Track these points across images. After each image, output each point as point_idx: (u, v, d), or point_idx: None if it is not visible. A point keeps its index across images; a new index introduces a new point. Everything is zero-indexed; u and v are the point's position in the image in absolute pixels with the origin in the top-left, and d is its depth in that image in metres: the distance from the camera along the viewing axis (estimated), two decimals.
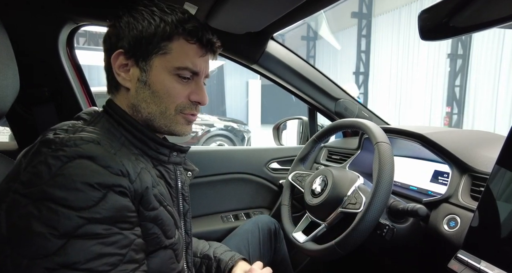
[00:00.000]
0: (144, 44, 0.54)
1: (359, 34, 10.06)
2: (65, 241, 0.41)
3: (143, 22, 0.54)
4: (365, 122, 0.81)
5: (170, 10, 0.56)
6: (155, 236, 0.53)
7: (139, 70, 0.56)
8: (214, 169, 1.18)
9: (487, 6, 0.46)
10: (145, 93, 0.56)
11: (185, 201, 0.66)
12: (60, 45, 0.85)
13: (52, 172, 0.42)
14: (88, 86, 0.97)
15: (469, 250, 0.59)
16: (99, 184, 0.43)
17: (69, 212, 0.41)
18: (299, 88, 1.19)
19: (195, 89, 0.60)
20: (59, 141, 0.46)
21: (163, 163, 0.61)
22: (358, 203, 0.73)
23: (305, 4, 0.76)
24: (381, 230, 0.73)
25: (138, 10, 0.55)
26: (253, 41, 1.03)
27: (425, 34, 0.63)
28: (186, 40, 0.56)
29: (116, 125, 0.56)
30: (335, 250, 0.70)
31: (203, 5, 0.81)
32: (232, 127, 5.80)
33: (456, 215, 0.71)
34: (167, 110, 0.58)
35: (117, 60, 0.56)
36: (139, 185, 0.49)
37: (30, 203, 0.41)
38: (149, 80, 0.56)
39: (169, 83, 0.56)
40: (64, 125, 0.52)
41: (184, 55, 0.56)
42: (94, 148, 0.46)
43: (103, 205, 0.43)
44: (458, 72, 7.64)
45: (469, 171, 0.76)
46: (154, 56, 0.55)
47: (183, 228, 0.67)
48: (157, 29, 0.54)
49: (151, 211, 0.52)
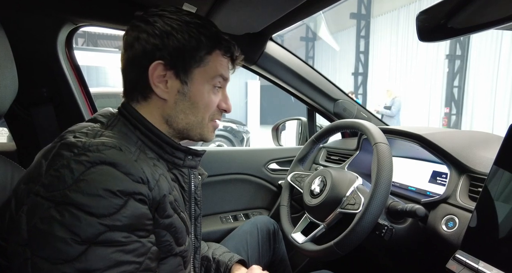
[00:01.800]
0: (187, 57, 0.55)
1: (358, 35, 10.09)
2: (86, 247, 0.41)
3: (183, 33, 0.54)
4: (364, 123, 0.81)
5: (201, 21, 0.57)
6: (167, 244, 0.53)
7: (179, 82, 0.56)
8: (213, 170, 1.17)
9: (485, 7, 0.46)
10: (185, 104, 0.57)
11: (197, 205, 0.66)
12: (59, 46, 0.85)
13: (75, 177, 0.42)
14: (87, 87, 0.97)
15: (467, 251, 0.59)
16: (120, 191, 0.43)
17: (91, 219, 0.41)
18: (298, 89, 1.19)
19: (223, 99, 0.63)
20: (81, 145, 0.46)
21: (178, 166, 0.61)
22: (357, 203, 0.73)
23: (304, 6, 0.77)
24: (380, 231, 0.73)
25: (173, 19, 0.54)
26: (252, 42, 1.03)
27: (423, 35, 0.63)
28: (222, 55, 0.59)
29: (133, 129, 0.55)
30: (334, 250, 0.70)
31: (202, 6, 0.81)
32: (231, 127, 5.80)
33: (455, 215, 0.72)
34: (203, 120, 0.60)
35: (155, 71, 0.54)
36: (157, 192, 0.49)
37: (52, 207, 0.41)
38: (190, 92, 0.57)
39: (208, 95, 0.59)
40: (83, 127, 0.52)
41: (220, 66, 0.59)
42: (116, 154, 0.46)
43: (124, 212, 0.43)
44: (456, 73, 7.66)
45: (467, 171, 0.76)
46: (194, 69, 0.56)
47: (193, 233, 0.67)
48: (199, 43, 0.55)
49: (165, 219, 0.51)
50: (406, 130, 0.92)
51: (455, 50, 7.57)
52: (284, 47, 1.13)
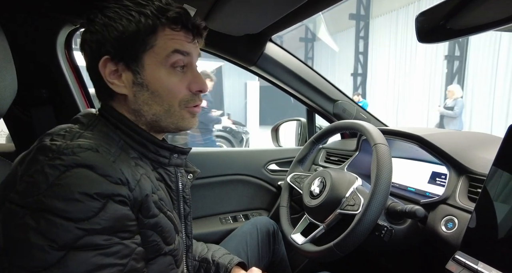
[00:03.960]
0: (130, 44, 0.51)
1: (357, 36, 10.11)
2: (64, 253, 0.40)
3: (121, 21, 0.50)
4: (363, 124, 0.81)
5: (145, 0, 0.52)
6: (154, 244, 0.52)
7: (131, 73, 0.52)
8: (212, 170, 1.17)
9: (484, 9, 0.46)
10: (144, 95, 0.54)
11: (186, 204, 0.65)
12: (58, 47, 0.85)
13: (50, 181, 0.41)
14: (86, 87, 0.97)
15: (466, 251, 0.59)
16: (98, 194, 0.42)
17: (68, 224, 0.40)
18: (297, 90, 1.19)
19: (192, 78, 0.56)
20: (56, 148, 0.44)
21: (164, 165, 0.60)
22: (356, 204, 0.73)
23: (303, 7, 0.77)
24: (379, 232, 0.73)
25: (111, 8, 0.51)
26: (252, 43, 1.03)
27: (422, 36, 0.64)
28: (171, 29, 0.52)
29: (114, 129, 0.54)
30: (333, 251, 0.70)
31: (201, 7, 0.81)
32: (230, 128, 5.80)
33: (454, 216, 0.72)
34: (171, 108, 0.55)
35: (105, 68, 0.52)
36: (138, 193, 0.48)
37: (27, 214, 0.40)
38: (146, 81, 0.53)
39: (167, 79, 0.53)
40: (61, 129, 0.50)
41: (171, 42, 0.52)
42: (93, 156, 0.45)
43: (103, 215, 0.42)
44: (455, 74, 7.68)
45: (466, 172, 0.76)
46: (142, 54, 0.52)
47: (183, 231, 0.66)
48: (138, 25, 0.50)
49: (150, 219, 0.51)
50: (405, 131, 0.92)
51: (454, 51, 7.58)
52: (284, 48, 1.13)
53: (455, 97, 5.20)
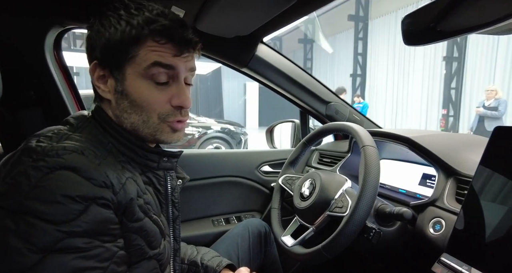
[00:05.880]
0: (114, 52, 0.51)
1: (356, 37, 10.12)
2: (42, 256, 0.40)
3: (109, 28, 0.51)
4: (352, 126, 0.81)
5: (137, 10, 0.52)
6: (138, 247, 0.52)
7: (114, 81, 0.53)
8: (205, 172, 1.17)
9: (470, 11, 0.46)
10: (124, 103, 0.54)
11: (175, 208, 0.65)
12: (46, 49, 0.84)
13: (32, 183, 0.41)
14: (77, 89, 0.96)
15: (452, 253, 0.59)
16: (80, 197, 0.42)
17: (48, 226, 0.40)
18: (289, 91, 1.19)
19: (176, 93, 0.55)
20: (40, 150, 0.44)
21: (153, 169, 0.59)
22: (344, 206, 0.73)
23: (293, 8, 0.77)
24: (368, 234, 0.73)
25: (107, 15, 0.52)
26: (243, 45, 1.03)
27: (409, 39, 0.64)
28: (155, 41, 0.51)
29: (103, 132, 0.54)
30: (321, 253, 0.70)
31: (190, 9, 0.81)
32: (229, 129, 5.80)
33: (442, 218, 0.71)
34: (150, 119, 0.54)
35: (94, 72, 0.54)
36: (123, 196, 0.48)
37: (7, 216, 0.40)
38: (125, 90, 0.53)
39: (145, 90, 0.53)
40: (49, 131, 0.50)
41: (152, 53, 0.51)
42: (77, 159, 0.45)
43: (84, 218, 0.42)
44: (454, 75, 7.69)
45: (455, 174, 0.76)
46: (125, 63, 0.52)
47: (171, 235, 0.66)
48: (123, 34, 0.50)
49: (135, 223, 0.51)
50: (395, 132, 0.92)
51: (452, 52, 7.60)
52: (276, 50, 1.13)
53: (498, 97, 5.14)
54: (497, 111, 5.11)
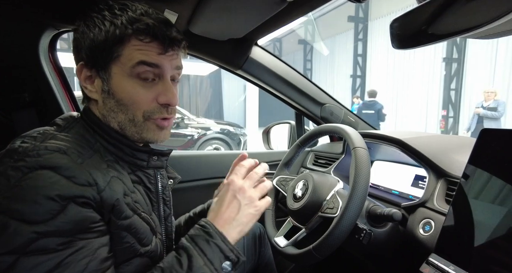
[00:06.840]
0: (99, 52, 0.52)
1: (356, 38, 10.13)
2: (15, 258, 0.39)
3: (94, 29, 0.52)
4: (344, 127, 0.82)
5: (121, 11, 0.52)
6: (128, 245, 0.52)
7: (101, 81, 0.54)
8: (201, 174, 1.18)
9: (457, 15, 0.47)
10: (111, 102, 0.55)
11: (166, 206, 0.65)
12: (41, 51, 0.85)
13: (11, 183, 0.41)
14: (71, 90, 0.97)
15: (440, 254, 0.60)
16: (59, 196, 0.42)
17: (22, 227, 0.40)
18: (284, 93, 1.20)
19: (162, 90, 0.55)
20: (22, 150, 0.44)
21: (142, 168, 0.60)
22: (335, 207, 0.73)
23: (285, 11, 0.78)
24: (359, 235, 0.73)
25: (91, 17, 0.53)
26: (237, 47, 1.04)
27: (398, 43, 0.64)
28: (139, 40, 0.52)
29: (91, 131, 0.55)
30: (312, 254, 0.70)
31: (183, 12, 0.82)
32: (228, 130, 5.81)
33: (431, 219, 0.72)
34: (135, 117, 0.55)
35: (81, 73, 0.55)
36: (108, 194, 0.48)
37: None
38: (112, 89, 0.54)
39: (132, 89, 0.54)
40: (35, 131, 0.51)
41: (137, 52, 0.52)
42: (59, 158, 0.45)
43: (62, 217, 0.42)
44: (453, 76, 7.69)
45: (445, 175, 0.76)
46: (110, 63, 0.53)
47: (163, 233, 0.66)
48: (107, 34, 0.51)
49: (123, 220, 0.51)
50: (387, 134, 0.92)
51: (452, 53, 7.60)
52: (270, 52, 1.14)
53: (497, 98, 5.21)
54: (496, 112, 5.15)
